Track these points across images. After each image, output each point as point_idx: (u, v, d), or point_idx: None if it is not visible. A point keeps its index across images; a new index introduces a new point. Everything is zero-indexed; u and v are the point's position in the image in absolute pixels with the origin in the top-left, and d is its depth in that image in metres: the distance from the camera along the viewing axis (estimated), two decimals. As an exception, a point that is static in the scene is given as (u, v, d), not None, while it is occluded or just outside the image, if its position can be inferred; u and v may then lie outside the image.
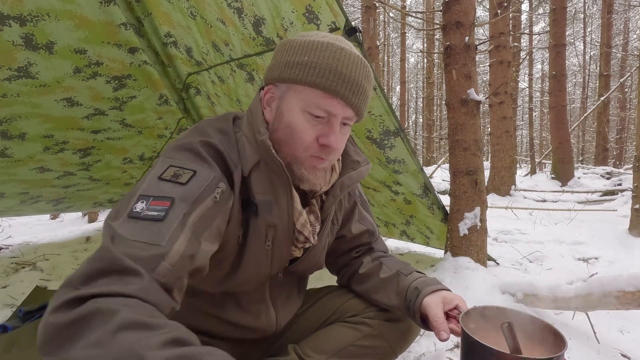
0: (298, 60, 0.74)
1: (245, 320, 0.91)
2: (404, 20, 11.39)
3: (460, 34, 2.07)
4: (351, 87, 0.75)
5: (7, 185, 2.37)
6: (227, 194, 0.74)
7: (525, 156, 15.72)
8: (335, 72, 0.73)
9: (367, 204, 1.09)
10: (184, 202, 0.66)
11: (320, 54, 0.74)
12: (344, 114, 0.77)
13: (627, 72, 13.09)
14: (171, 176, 0.69)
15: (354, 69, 0.75)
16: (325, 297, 1.05)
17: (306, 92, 0.75)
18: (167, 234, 0.62)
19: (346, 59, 0.74)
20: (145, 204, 0.65)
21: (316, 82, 0.73)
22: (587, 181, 7.51)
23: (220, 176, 0.73)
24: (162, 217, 0.64)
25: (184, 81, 2.13)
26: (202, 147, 0.75)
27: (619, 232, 3.36)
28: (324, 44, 0.75)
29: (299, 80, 0.74)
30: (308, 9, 1.31)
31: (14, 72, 1.64)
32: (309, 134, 0.76)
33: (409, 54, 21.76)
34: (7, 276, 2.34)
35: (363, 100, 0.78)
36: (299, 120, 0.76)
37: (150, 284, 0.58)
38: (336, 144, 0.77)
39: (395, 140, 1.77)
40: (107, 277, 0.56)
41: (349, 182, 0.88)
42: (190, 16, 1.63)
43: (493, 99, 5.86)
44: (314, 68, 0.73)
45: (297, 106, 0.76)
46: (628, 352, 1.39)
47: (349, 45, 0.78)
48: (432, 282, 0.90)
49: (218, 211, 0.72)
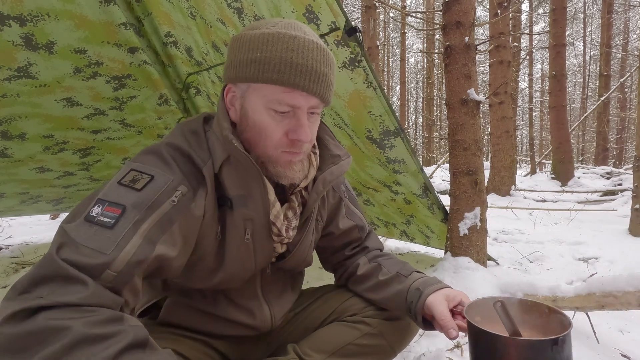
0: (251, 57, 0.72)
1: (239, 316, 0.91)
2: (404, 20, 11.39)
3: (460, 34, 2.07)
4: (310, 76, 0.72)
5: (7, 185, 2.37)
6: (188, 196, 0.74)
7: (525, 156, 15.73)
8: (291, 64, 0.71)
9: (355, 199, 1.08)
10: (136, 209, 0.68)
11: (271, 47, 0.71)
12: (309, 104, 0.75)
13: (627, 72, 13.09)
14: (129, 181, 0.71)
15: (310, 56, 0.72)
16: (324, 297, 1.05)
17: (266, 89, 0.73)
18: (114, 243, 0.64)
19: (300, 48, 0.71)
20: (101, 209, 0.67)
21: (273, 78, 0.71)
22: (587, 181, 7.52)
23: (180, 179, 0.73)
24: (112, 225, 0.65)
25: (184, 81, 2.13)
26: (166, 149, 0.76)
27: (619, 232, 3.36)
28: (274, 35, 0.72)
29: (255, 78, 0.73)
30: (308, 9, 1.31)
31: (14, 72, 1.64)
32: (277, 131, 0.75)
33: (409, 54, 21.76)
34: (7, 276, 2.34)
35: (326, 86, 0.75)
36: (264, 119, 0.75)
37: (95, 289, 0.60)
38: (306, 137, 0.75)
39: (395, 140, 1.77)
40: (51, 284, 0.59)
41: (330, 177, 0.87)
42: (190, 16, 1.63)
43: (493, 99, 5.86)
44: (268, 64, 0.71)
45: (260, 104, 0.75)
46: (628, 352, 1.39)
47: (302, 31, 0.75)
48: (433, 282, 0.90)
49: (177, 214, 0.72)
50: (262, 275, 0.93)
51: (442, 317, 0.81)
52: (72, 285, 0.59)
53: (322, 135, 0.92)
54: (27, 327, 0.55)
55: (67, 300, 0.57)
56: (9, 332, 0.55)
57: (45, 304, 0.56)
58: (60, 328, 0.54)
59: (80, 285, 0.59)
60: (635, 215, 3.28)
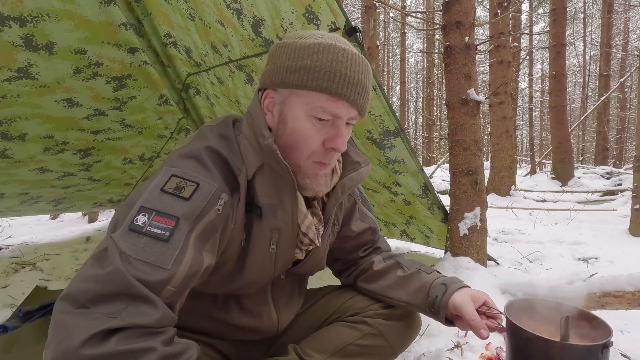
0: (300, 64, 0.73)
1: (248, 322, 0.91)
2: (404, 20, 11.39)
3: (460, 34, 2.07)
4: (355, 88, 0.74)
5: (8, 186, 2.37)
6: (229, 204, 0.74)
7: (525, 156, 15.72)
8: (340, 75, 0.73)
9: (368, 202, 1.09)
10: (188, 220, 0.66)
11: (322, 57, 0.73)
12: (349, 115, 0.77)
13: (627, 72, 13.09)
14: (174, 189, 0.68)
15: (357, 69, 0.74)
16: (325, 297, 1.05)
17: (311, 97, 0.74)
18: (172, 257, 0.63)
19: (349, 60, 0.74)
20: (148, 218, 0.64)
21: (322, 86, 0.72)
22: (587, 181, 7.51)
23: (222, 186, 0.72)
24: (167, 238, 0.63)
25: (183, 81, 2.13)
26: (206, 154, 0.74)
27: (619, 232, 3.36)
28: (325, 46, 0.73)
29: (303, 85, 0.73)
30: (308, 9, 1.31)
31: (14, 73, 1.64)
32: (316, 139, 0.76)
33: (409, 54, 21.76)
34: (7, 276, 2.35)
35: (366, 99, 0.78)
36: (304, 126, 0.75)
37: (163, 311, 0.60)
38: (343, 146, 0.77)
39: (395, 140, 1.77)
40: (120, 302, 0.58)
41: (350, 183, 0.88)
42: (189, 17, 1.63)
43: (493, 99, 5.86)
44: (318, 72, 0.72)
45: (302, 111, 0.75)
46: (628, 352, 1.39)
47: (348, 44, 0.77)
48: (456, 280, 0.93)
49: (220, 223, 0.72)
50: (274, 281, 0.93)
51: (473, 317, 0.82)
52: (143, 306, 0.59)
53: None
54: (106, 349, 0.54)
55: (143, 322, 0.58)
56: (89, 353, 0.53)
57: (122, 325, 0.56)
58: (145, 349, 0.56)
59: (151, 306, 0.59)
60: (635, 215, 3.28)
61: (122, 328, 0.56)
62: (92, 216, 5.22)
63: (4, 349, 1.41)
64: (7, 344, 1.44)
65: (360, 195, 1.06)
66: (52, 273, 2.42)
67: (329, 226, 0.93)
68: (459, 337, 1.47)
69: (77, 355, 0.53)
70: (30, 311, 1.69)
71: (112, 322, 0.56)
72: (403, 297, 0.95)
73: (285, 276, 0.94)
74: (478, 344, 1.41)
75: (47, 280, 2.28)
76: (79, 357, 0.53)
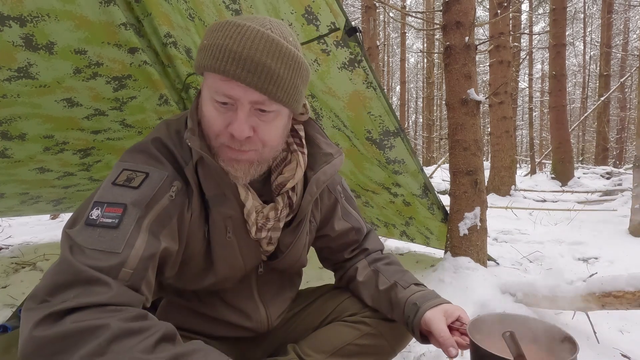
0: (202, 44, 0.72)
1: (235, 318, 0.91)
2: (404, 20, 11.39)
3: (460, 34, 2.07)
4: (245, 66, 0.67)
5: (7, 186, 2.37)
6: (183, 192, 0.75)
7: (525, 156, 15.72)
8: (226, 51, 0.67)
9: (352, 200, 1.06)
10: (137, 207, 0.68)
11: (215, 35, 0.69)
12: (248, 97, 0.69)
13: (627, 72, 13.09)
14: (124, 180, 0.70)
15: (250, 45, 0.67)
16: (323, 297, 1.05)
17: (209, 79, 0.72)
18: (123, 241, 0.64)
19: (240, 36, 0.67)
20: (100, 211, 0.66)
21: (210, 64, 0.69)
22: (587, 181, 7.51)
23: (173, 174, 0.74)
24: (117, 224, 0.65)
25: (183, 81, 2.13)
26: (154, 146, 0.76)
27: (619, 232, 3.36)
28: (222, 23, 0.70)
29: (200, 65, 0.72)
30: (307, 9, 1.31)
31: (14, 73, 1.64)
32: (217, 123, 0.73)
33: (409, 54, 21.76)
34: (7, 276, 2.35)
35: (267, 79, 0.68)
36: (208, 108, 0.74)
37: (118, 289, 0.61)
38: (240, 133, 0.70)
39: (395, 140, 1.77)
40: (74, 288, 0.59)
41: (324, 177, 0.86)
42: (188, 17, 1.63)
43: (493, 99, 5.86)
44: (209, 50, 0.69)
45: (207, 95, 0.73)
46: (628, 352, 1.39)
47: (260, 23, 0.70)
48: (432, 296, 0.87)
49: (175, 209, 0.73)
50: (256, 275, 0.93)
51: (442, 334, 0.78)
52: (95, 287, 0.59)
53: (312, 134, 0.90)
54: (60, 329, 0.55)
55: (95, 300, 0.58)
56: (40, 335, 0.54)
57: (72, 306, 0.57)
58: (97, 326, 0.55)
59: (103, 286, 0.60)
60: (635, 215, 3.28)
61: (75, 309, 0.57)
62: (92, 216, 5.22)
63: (4, 349, 1.41)
64: (7, 344, 1.43)
65: (343, 192, 1.03)
66: (52, 273, 2.42)
67: (305, 223, 0.91)
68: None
69: (30, 338, 0.55)
70: (30, 311, 1.69)
71: (62, 304, 0.57)
72: (383, 311, 0.94)
73: (265, 271, 0.93)
74: (478, 344, 1.40)
75: (47, 280, 2.28)
76: (32, 340, 0.55)
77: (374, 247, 1.05)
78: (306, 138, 0.89)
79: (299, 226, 0.91)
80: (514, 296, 1.72)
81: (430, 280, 1.95)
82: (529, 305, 1.66)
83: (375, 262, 1.01)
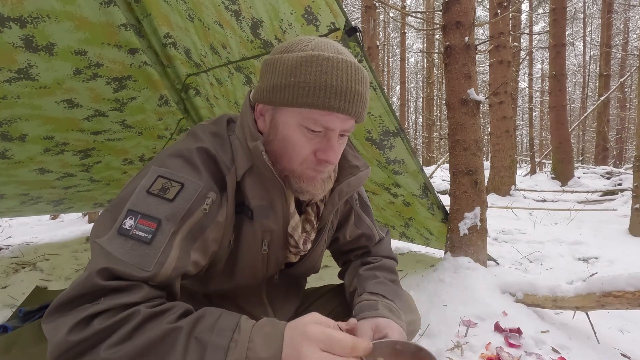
0: (285, 82, 0.70)
1: None
2: (404, 20, 11.39)
3: (460, 34, 2.07)
4: (346, 97, 0.70)
5: (8, 187, 2.37)
6: (217, 203, 0.73)
7: (525, 156, 15.72)
8: (327, 88, 0.68)
9: (368, 207, 1.06)
10: (171, 222, 0.67)
11: (306, 71, 0.69)
12: (343, 126, 0.74)
13: (627, 72, 13.09)
14: (159, 190, 0.68)
15: (345, 77, 0.70)
16: (324, 296, 1.06)
17: (305, 112, 0.71)
18: (154, 259, 0.64)
19: (334, 70, 0.69)
20: (134, 221, 0.65)
21: (308, 102, 0.69)
22: (587, 181, 7.51)
23: (209, 185, 0.72)
24: (149, 240, 0.64)
25: (183, 82, 2.13)
26: (194, 152, 0.74)
27: (619, 232, 3.36)
28: (307, 57, 0.69)
29: (290, 103, 0.70)
30: (307, 10, 1.31)
31: (14, 74, 1.64)
32: (306, 148, 0.74)
33: (409, 54, 21.77)
34: (7, 276, 2.35)
35: (361, 105, 0.73)
36: (294, 134, 0.73)
37: (149, 290, 0.62)
38: (335, 159, 0.74)
39: (395, 140, 1.77)
40: (105, 294, 0.60)
41: (347, 189, 0.86)
42: (188, 18, 1.63)
43: (493, 99, 5.86)
44: (302, 88, 0.69)
45: (294, 120, 0.73)
46: (628, 352, 1.39)
47: (335, 49, 0.73)
48: (372, 308, 0.83)
49: (208, 222, 0.72)
50: (268, 281, 0.93)
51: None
52: (126, 291, 0.60)
53: None
54: (93, 328, 0.56)
55: (127, 300, 0.59)
56: (76, 339, 0.55)
57: (104, 308, 0.58)
58: (128, 314, 0.57)
59: (133, 290, 0.61)
60: (635, 215, 3.28)
61: (105, 311, 0.58)
62: (92, 216, 5.22)
63: (4, 349, 1.41)
64: (7, 344, 1.44)
65: (359, 200, 1.03)
66: (52, 273, 2.43)
67: (325, 232, 0.92)
68: (459, 337, 1.47)
69: (66, 343, 0.55)
70: (30, 311, 1.69)
71: (93, 307, 0.58)
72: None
73: (279, 277, 0.94)
74: (478, 344, 1.41)
75: (47, 281, 2.29)
76: (68, 344, 0.55)
77: (378, 252, 1.04)
78: None
79: (320, 234, 0.91)
80: (514, 296, 1.72)
81: (430, 280, 1.95)
82: (529, 305, 1.66)
83: (363, 265, 1.00)
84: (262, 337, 0.57)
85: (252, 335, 0.57)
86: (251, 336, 0.57)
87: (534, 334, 1.46)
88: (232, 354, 0.55)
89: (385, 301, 0.86)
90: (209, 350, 0.55)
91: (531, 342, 1.40)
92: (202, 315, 0.60)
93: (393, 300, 0.87)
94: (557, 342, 1.41)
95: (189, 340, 0.56)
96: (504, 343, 1.40)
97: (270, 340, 0.57)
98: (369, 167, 0.90)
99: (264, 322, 0.61)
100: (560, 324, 1.59)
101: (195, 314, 0.61)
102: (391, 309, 0.83)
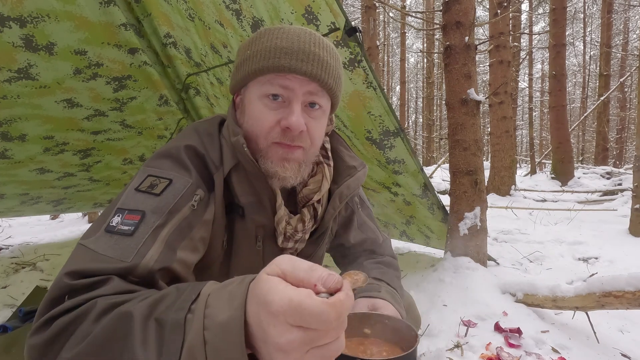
0: (243, 58, 0.75)
1: None
2: (404, 20, 11.39)
3: (460, 34, 2.07)
4: (298, 56, 0.71)
5: (8, 187, 2.37)
6: (204, 201, 0.73)
7: (525, 156, 15.72)
8: (277, 49, 0.71)
9: (369, 209, 1.05)
10: (156, 214, 0.65)
11: (259, 42, 0.73)
12: (303, 88, 0.72)
13: (627, 72, 13.09)
14: (147, 187, 0.69)
15: (297, 39, 0.72)
16: None
17: (259, 82, 0.74)
18: (134, 250, 0.61)
19: (286, 34, 0.72)
20: (121, 218, 0.64)
21: (260, 66, 0.71)
22: (587, 181, 7.51)
23: (197, 182, 0.72)
24: (131, 232, 0.63)
25: (183, 82, 2.13)
26: (182, 151, 0.74)
27: (619, 232, 3.36)
28: (261, 31, 0.74)
29: (248, 74, 0.74)
30: (307, 9, 1.31)
31: (14, 74, 1.64)
32: (269, 118, 0.73)
33: (409, 54, 21.77)
34: (7, 276, 2.35)
35: (319, 66, 0.72)
36: (257, 107, 0.74)
37: (120, 283, 0.57)
38: (297, 124, 0.71)
39: (395, 140, 1.77)
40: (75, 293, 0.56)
41: (347, 191, 0.85)
42: (188, 18, 1.63)
43: (493, 99, 5.86)
44: (256, 56, 0.72)
45: (255, 95, 0.75)
46: (628, 351, 1.39)
47: (297, 26, 0.76)
48: (371, 289, 0.83)
49: (196, 219, 0.71)
50: None
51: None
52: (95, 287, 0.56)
53: (335, 146, 0.90)
54: (54, 326, 0.52)
55: (90, 296, 0.54)
56: (36, 342, 0.52)
57: (68, 306, 0.54)
58: (85, 309, 0.52)
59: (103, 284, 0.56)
60: (635, 215, 3.28)
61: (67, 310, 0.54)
62: (92, 216, 5.22)
63: (4, 349, 1.41)
64: (7, 344, 1.44)
65: (360, 203, 1.02)
66: (52, 273, 2.43)
67: (326, 235, 0.92)
68: (459, 337, 1.47)
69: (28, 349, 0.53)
70: (30, 311, 1.69)
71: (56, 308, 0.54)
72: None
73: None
74: (478, 344, 1.41)
75: (47, 281, 2.29)
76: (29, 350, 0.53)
77: (382, 252, 1.04)
78: (330, 150, 0.89)
79: (320, 238, 0.91)
80: (514, 296, 1.72)
81: (430, 280, 1.95)
82: (529, 305, 1.66)
83: (367, 259, 1.00)
84: (224, 298, 0.46)
85: (209, 299, 0.46)
86: (208, 301, 0.46)
87: (534, 334, 1.46)
88: (190, 328, 0.45)
89: (388, 287, 0.86)
90: (167, 330, 0.46)
91: (531, 342, 1.41)
92: (166, 294, 0.51)
93: (396, 290, 0.87)
94: (557, 342, 1.41)
95: (146, 324, 0.47)
96: (504, 343, 1.40)
97: (232, 298, 0.45)
98: (366, 166, 0.90)
99: (230, 280, 0.49)
100: (560, 324, 1.59)
101: (159, 293, 0.52)
102: (393, 295, 0.83)
